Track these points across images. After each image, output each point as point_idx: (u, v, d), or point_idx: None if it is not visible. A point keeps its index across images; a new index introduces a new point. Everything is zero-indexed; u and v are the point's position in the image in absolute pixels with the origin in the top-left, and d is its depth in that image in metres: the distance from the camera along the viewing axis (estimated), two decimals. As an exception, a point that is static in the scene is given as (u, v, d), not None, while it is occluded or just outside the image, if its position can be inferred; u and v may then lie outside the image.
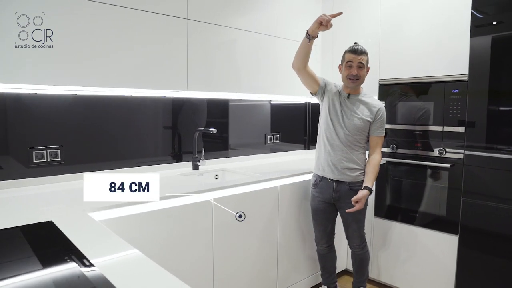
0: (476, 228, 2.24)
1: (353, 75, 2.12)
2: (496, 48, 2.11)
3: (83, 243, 1.16)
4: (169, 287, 0.93)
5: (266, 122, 3.20)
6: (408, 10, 2.60)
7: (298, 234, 2.51)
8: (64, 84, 1.93)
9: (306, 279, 2.62)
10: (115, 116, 2.26)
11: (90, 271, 0.98)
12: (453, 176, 2.36)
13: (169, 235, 1.82)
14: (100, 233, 1.32)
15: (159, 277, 0.97)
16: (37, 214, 1.46)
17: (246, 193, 2.16)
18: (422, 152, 2.52)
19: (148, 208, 1.72)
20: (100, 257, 1.06)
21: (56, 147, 2.04)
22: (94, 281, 0.93)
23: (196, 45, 2.37)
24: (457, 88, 2.33)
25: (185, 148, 2.61)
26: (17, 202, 1.71)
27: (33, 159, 1.97)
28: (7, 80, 1.78)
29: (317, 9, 3.18)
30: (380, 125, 2.18)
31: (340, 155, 2.17)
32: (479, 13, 2.16)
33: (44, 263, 1.03)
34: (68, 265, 1.02)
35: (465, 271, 2.29)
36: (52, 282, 0.94)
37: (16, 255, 1.13)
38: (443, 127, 2.40)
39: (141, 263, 1.06)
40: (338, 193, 2.21)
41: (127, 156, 2.32)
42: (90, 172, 2.10)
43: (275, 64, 2.89)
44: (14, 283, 0.93)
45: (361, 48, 2.15)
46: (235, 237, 2.11)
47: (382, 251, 2.73)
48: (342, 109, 2.19)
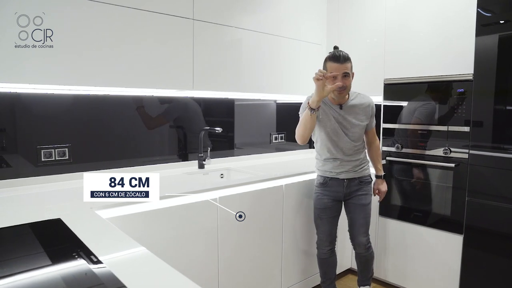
0: (481, 227, 2.24)
1: (340, 87, 2.01)
2: (502, 47, 2.10)
3: (90, 240, 1.18)
4: (176, 285, 0.94)
5: (271, 121, 3.21)
6: (413, 9, 2.59)
7: (303, 233, 2.53)
8: (65, 84, 1.92)
9: (311, 277, 2.63)
10: (122, 116, 2.29)
11: (98, 268, 0.99)
12: (458, 176, 2.36)
13: (175, 233, 1.84)
14: (107, 230, 1.35)
15: (166, 275, 0.98)
16: (46, 212, 1.49)
17: (251, 191, 2.18)
18: (427, 151, 2.52)
19: (153, 206, 1.75)
20: (108, 254, 1.08)
21: (64, 146, 2.07)
22: (102, 278, 0.94)
23: (202, 45, 2.39)
24: (462, 87, 2.32)
25: (191, 147, 2.63)
26: (26, 199, 1.75)
27: (42, 158, 2.01)
28: (6, 80, 1.78)
29: (322, 9, 3.19)
30: (373, 118, 2.26)
31: (347, 163, 2.20)
32: (486, 11, 2.15)
33: (53, 260, 1.05)
34: (76, 262, 1.03)
35: (470, 270, 2.29)
36: (61, 278, 0.96)
37: (26, 251, 1.15)
38: (448, 127, 2.40)
39: (148, 260, 1.07)
40: (349, 188, 2.24)
41: (133, 155, 2.35)
42: (97, 170, 2.15)
43: (280, 64, 2.90)
44: (24, 278, 0.96)
45: (344, 54, 2.02)
46: (240, 235, 2.13)
47: (386, 250, 2.74)
48: (340, 126, 2.15)
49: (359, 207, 2.23)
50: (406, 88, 2.63)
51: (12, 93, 1.90)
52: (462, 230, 2.31)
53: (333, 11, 3.18)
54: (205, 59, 2.41)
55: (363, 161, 2.26)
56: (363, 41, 2.93)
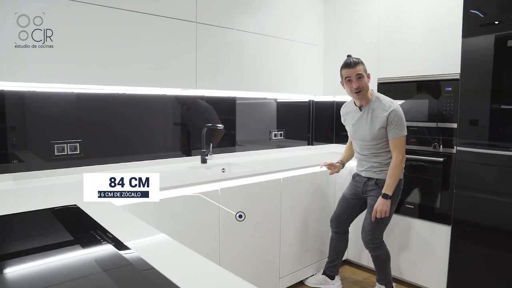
0: (468, 219, 2.36)
1: (355, 88, 2.23)
2: (486, 48, 2.22)
3: (111, 226, 1.24)
4: (202, 268, 0.98)
5: (272, 119, 3.34)
6: (405, 12, 2.73)
7: (299, 223, 2.67)
8: (69, 83, 1.99)
9: (308, 266, 2.77)
10: (129, 113, 2.43)
11: (126, 252, 1.05)
12: (446, 170, 2.50)
13: (178, 222, 1.98)
14: (123, 217, 1.44)
15: (191, 259, 1.02)
16: (62, 199, 1.62)
17: (251, 184, 2.32)
18: (418, 147, 2.66)
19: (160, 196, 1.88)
20: (132, 240, 1.14)
21: (75, 141, 2.21)
22: (131, 260, 1.00)
23: (204, 46, 2.52)
24: (450, 86, 2.45)
25: (194, 144, 2.77)
26: (42, 190, 1.88)
27: (55, 152, 2.14)
28: (7, 80, 1.82)
29: (319, 11, 3.32)
30: (394, 127, 2.21)
31: (364, 163, 2.41)
32: (471, 15, 2.27)
33: (82, 244, 1.13)
34: (104, 246, 1.10)
35: (457, 259, 2.41)
36: (94, 260, 1.04)
37: (54, 236, 1.23)
38: (437, 123, 2.53)
39: (171, 245, 1.11)
40: (366, 186, 2.41)
41: (140, 151, 2.49)
42: (106, 164, 2.29)
43: (279, 64, 3.04)
44: (59, 260, 1.04)
45: (354, 60, 2.25)
46: (240, 226, 2.27)
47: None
48: (356, 124, 2.38)
49: (369, 207, 2.38)
50: (399, 87, 2.76)
51: (24, 91, 2.00)
52: (450, 221, 2.44)
53: (330, 13, 3.32)
54: (208, 59, 2.55)
55: (382, 165, 2.34)
56: (359, 42, 3.07)
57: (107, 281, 0.92)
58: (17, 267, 1.01)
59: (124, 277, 0.95)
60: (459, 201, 2.38)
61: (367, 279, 2.88)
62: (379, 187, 2.32)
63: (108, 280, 0.92)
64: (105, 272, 0.96)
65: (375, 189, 2.35)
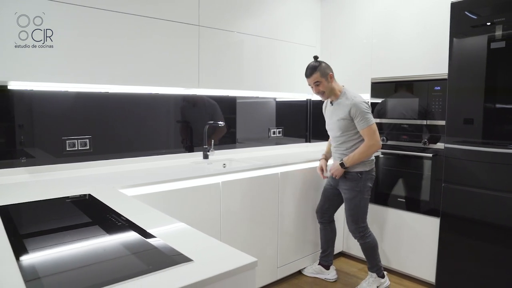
0: (455, 211, 2.48)
1: (315, 93, 2.50)
2: (473, 49, 2.34)
3: (129, 214, 1.33)
4: (225, 253, 1.05)
5: (271, 117, 3.48)
6: (397, 15, 2.87)
7: (296, 216, 2.81)
8: (66, 83, 2.05)
9: (305, 257, 2.91)
10: (136, 111, 2.56)
11: (150, 238, 1.10)
12: (435, 165, 2.63)
13: (182, 212, 2.11)
14: (136, 205, 1.55)
15: (213, 246, 1.09)
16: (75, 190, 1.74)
17: (250, 178, 2.46)
18: (409, 143, 2.80)
19: (165, 187, 2.03)
20: (153, 228, 1.21)
21: (85, 137, 2.35)
22: (156, 246, 1.04)
23: (207, 48, 2.66)
24: (439, 85, 2.59)
25: (196, 140, 2.91)
26: (55, 182, 2.01)
27: (66, 147, 2.28)
28: (6, 79, 1.87)
29: (315, 14, 3.46)
30: (359, 119, 2.37)
31: (335, 151, 2.59)
32: (458, 18, 2.39)
33: (107, 230, 1.18)
34: (128, 233, 1.16)
35: (446, 249, 2.54)
36: (121, 245, 1.08)
37: (77, 221, 1.31)
38: (426, 121, 2.67)
39: (192, 233, 1.18)
40: (335, 180, 2.58)
41: (145, 147, 2.62)
42: (114, 159, 2.42)
43: (277, 64, 3.18)
44: (89, 245, 1.09)
45: (310, 67, 2.45)
46: (240, 217, 2.41)
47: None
48: (328, 117, 2.63)
49: (345, 200, 2.57)
50: (391, 86, 2.90)
51: (34, 90, 2.10)
52: (439, 214, 2.57)
53: (325, 16, 3.46)
54: (210, 60, 2.69)
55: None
56: (353, 43, 3.21)
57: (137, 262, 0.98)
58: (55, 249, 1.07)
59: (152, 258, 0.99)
60: (447, 195, 2.51)
61: (361, 269, 3.01)
62: (347, 179, 2.50)
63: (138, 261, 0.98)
64: (133, 254, 1.02)
65: (345, 182, 2.52)
